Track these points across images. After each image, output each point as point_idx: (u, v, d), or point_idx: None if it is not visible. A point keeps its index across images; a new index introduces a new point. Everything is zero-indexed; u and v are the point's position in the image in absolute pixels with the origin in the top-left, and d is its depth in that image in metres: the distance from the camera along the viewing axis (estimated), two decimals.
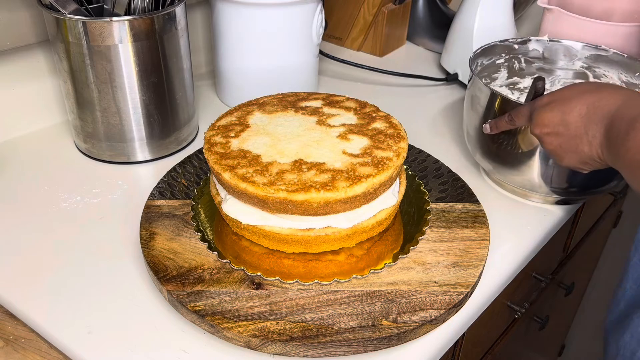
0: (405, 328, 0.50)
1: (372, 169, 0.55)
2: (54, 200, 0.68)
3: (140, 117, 0.73)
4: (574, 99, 0.55)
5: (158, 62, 0.71)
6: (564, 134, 0.56)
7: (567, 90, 0.57)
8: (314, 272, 0.56)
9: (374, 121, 0.63)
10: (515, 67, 0.80)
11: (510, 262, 0.63)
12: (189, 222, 0.61)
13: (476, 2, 0.94)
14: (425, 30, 1.17)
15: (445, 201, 0.66)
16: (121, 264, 0.59)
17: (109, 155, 0.75)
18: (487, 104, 0.67)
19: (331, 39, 1.15)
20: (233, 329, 0.49)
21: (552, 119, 0.56)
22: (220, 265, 0.56)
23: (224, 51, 0.85)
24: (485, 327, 0.76)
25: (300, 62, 0.87)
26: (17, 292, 0.56)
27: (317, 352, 0.49)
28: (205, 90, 0.96)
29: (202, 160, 0.72)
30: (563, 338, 1.53)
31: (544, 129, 0.57)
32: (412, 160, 0.73)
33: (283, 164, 0.56)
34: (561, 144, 0.56)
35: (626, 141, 0.48)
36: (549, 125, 0.57)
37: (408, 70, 1.00)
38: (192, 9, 0.95)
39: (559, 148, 0.57)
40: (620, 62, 0.75)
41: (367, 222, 0.58)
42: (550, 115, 0.57)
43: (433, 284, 0.55)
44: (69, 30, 0.66)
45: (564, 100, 0.56)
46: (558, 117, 0.56)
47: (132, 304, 0.55)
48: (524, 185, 0.69)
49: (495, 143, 0.68)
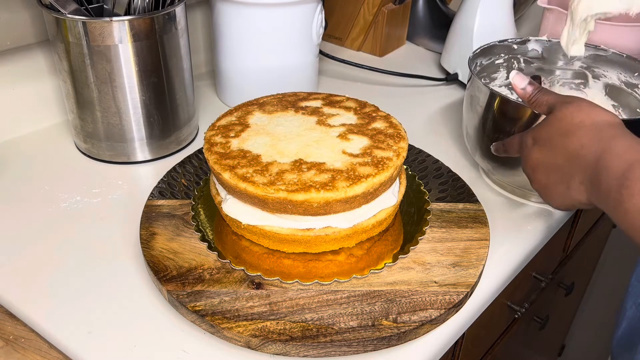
0: (405, 328, 0.50)
1: (372, 169, 0.55)
2: (54, 200, 0.68)
3: (140, 117, 0.73)
4: (557, 141, 0.52)
5: (158, 62, 0.71)
6: (552, 177, 0.53)
7: (548, 127, 0.54)
8: (314, 272, 0.56)
9: (374, 121, 0.63)
10: (514, 67, 0.80)
11: (510, 262, 0.63)
12: (189, 222, 0.61)
13: (476, 2, 0.94)
14: (425, 30, 1.17)
15: (445, 201, 0.66)
16: (121, 264, 0.59)
17: (109, 155, 0.75)
18: (486, 104, 0.67)
19: (331, 39, 1.15)
20: (233, 329, 0.49)
21: (540, 160, 0.54)
22: (220, 265, 0.56)
23: (224, 51, 0.85)
24: (485, 327, 0.76)
25: (300, 62, 0.87)
26: (17, 292, 0.56)
27: (317, 352, 0.49)
28: (205, 90, 0.96)
29: (202, 160, 0.72)
30: (563, 338, 1.53)
31: (533, 169, 0.55)
32: (412, 160, 0.73)
33: (283, 164, 0.56)
34: (547, 186, 0.54)
35: (621, 202, 0.45)
36: (536, 166, 0.55)
37: (408, 70, 1.00)
38: (192, 9, 0.95)
39: (546, 190, 0.55)
40: (620, 62, 0.75)
41: (367, 222, 0.58)
42: (536, 155, 0.54)
43: (433, 284, 0.55)
44: (69, 30, 0.66)
45: (548, 141, 0.53)
46: (545, 159, 0.54)
47: (132, 304, 0.55)
48: (524, 185, 0.69)
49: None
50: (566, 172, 0.51)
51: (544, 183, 0.54)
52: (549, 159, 0.53)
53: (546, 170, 0.54)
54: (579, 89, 0.79)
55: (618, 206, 0.45)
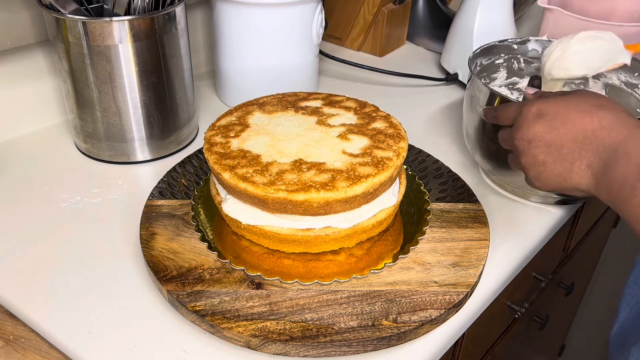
0: (405, 328, 0.50)
1: (372, 169, 0.55)
2: (54, 200, 0.68)
3: (140, 117, 0.73)
4: (570, 117, 0.49)
5: (158, 62, 0.71)
6: (551, 155, 0.50)
7: (562, 103, 0.50)
8: (314, 272, 0.56)
9: (374, 121, 0.63)
10: (514, 67, 0.80)
11: (510, 262, 0.63)
12: (189, 222, 0.61)
13: (476, 2, 0.94)
14: (425, 30, 1.17)
15: (445, 201, 0.66)
16: (121, 264, 0.59)
17: (109, 155, 0.75)
18: (486, 104, 0.67)
19: (331, 39, 1.15)
20: (233, 329, 0.49)
21: (541, 134, 0.50)
22: (220, 265, 0.56)
23: (224, 51, 0.85)
24: (485, 327, 0.76)
25: (300, 62, 0.87)
26: (17, 292, 0.56)
27: (317, 352, 0.49)
28: (205, 90, 0.96)
29: (202, 160, 0.72)
30: (563, 338, 1.53)
31: (530, 142, 0.51)
32: (412, 160, 0.73)
33: (283, 164, 0.56)
34: (545, 164, 0.51)
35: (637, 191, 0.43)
36: (534, 140, 0.51)
37: (408, 70, 1.00)
38: (192, 9, 0.95)
39: (540, 167, 0.51)
40: None
41: (367, 222, 0.58)
42: (539, 128, 0.51)
43: (433, 284, 0.55)
44: (69, 30, 0.66)
45: (558, 116, 0.50)
46: (548, 134, 0.50)
47: (132, 304, 0.55)
48: (524, 185, 0.69)
49: (495, 143, 0.67)
50: (572, 152, 0.48)
51: (540, 159, 0.51)
52: (554, 135, 0.49)
53: (546, 147, 0.50)
54: (579, 88, 0.79)
55: (631, 196, 0.44)
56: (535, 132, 0.51)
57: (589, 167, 0.48)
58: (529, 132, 0.51)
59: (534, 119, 0.51)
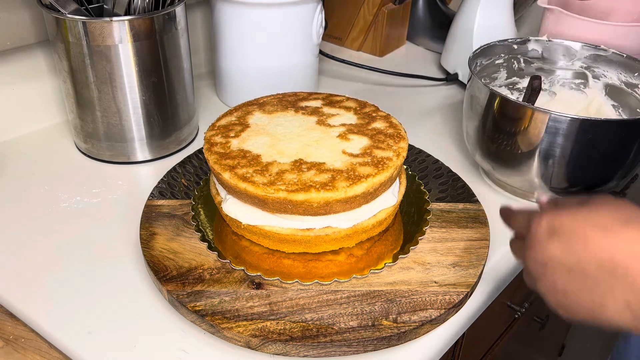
0: (405, 328, 0.50)
1: (372, 169, 0.55)
2: (54, 200, 0.68)
3: (140, 117, 0.73)
4: (590, 237, 0.39)
5: (158, 62, 0.71)
6: (573, 284, 0.40)
7: (579, 217, 0.40)
8: (314, 272, 0.56)
9: (374, 121, 0.63)
10: (514, 67, 0.80)
11: (510, 262, 0.63)
12: (189, 222, 0.61)
13: (476, 2, 0.94)
14: (425, 30, 1.17)
15: (445, 201, 0.66)
16: (121, 264, 0.59)
17: (109, 155, 0.75)
18: (487, 104, 0.67)
19: (331, 39, 1.15)
20: (233, 329, 0.49)
21: (558, 257, 0.40)
22: (220, 265, 0.56)
23: (224, 51, 0.85)
24: (485, 327, 0.76)
25: (300, 62, 0.87)
26: (17, 292, 0.56)
27: (317, 352, 0.49)
28: (205, 90, 0.96)
29: (202, 160, 0.72)
30: (563, 338, 1.53)
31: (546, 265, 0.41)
32: (412, 160, 0.73)
33: (283, 164, 0.56)
34: (566, 293, 0.41)
35: None
36: (549, 262, 0.41)
37: (408, 70, 1.00)
38: (192, 9, 0.95)
39: (560, 296, 0.41)
40: (620, 62, 0.75)
41: (367, 222, 0.58)
42: (554, 250, 0.41)
43: (433, 284, 0.55)
44: (69, 30, 0.66)
45: (574, 235, 0.40)
46: (566, 258, 0.40)
47: (132, 304, 0.55)
48: (524, 185, 0.69)
49: (495, 143, 0.68)
50: (599, 284, 0.38)
51: (560, 288, 0.41)
52: (574, 260, 0.39)
53: (566, 273, 0.40)
54: (579, 89, 0.79)
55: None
56: (549, 254, 0.41)
57: (627, 307, 0.37)
58: (542, 255, 0.42)
59: (547, 237, 0.41)
